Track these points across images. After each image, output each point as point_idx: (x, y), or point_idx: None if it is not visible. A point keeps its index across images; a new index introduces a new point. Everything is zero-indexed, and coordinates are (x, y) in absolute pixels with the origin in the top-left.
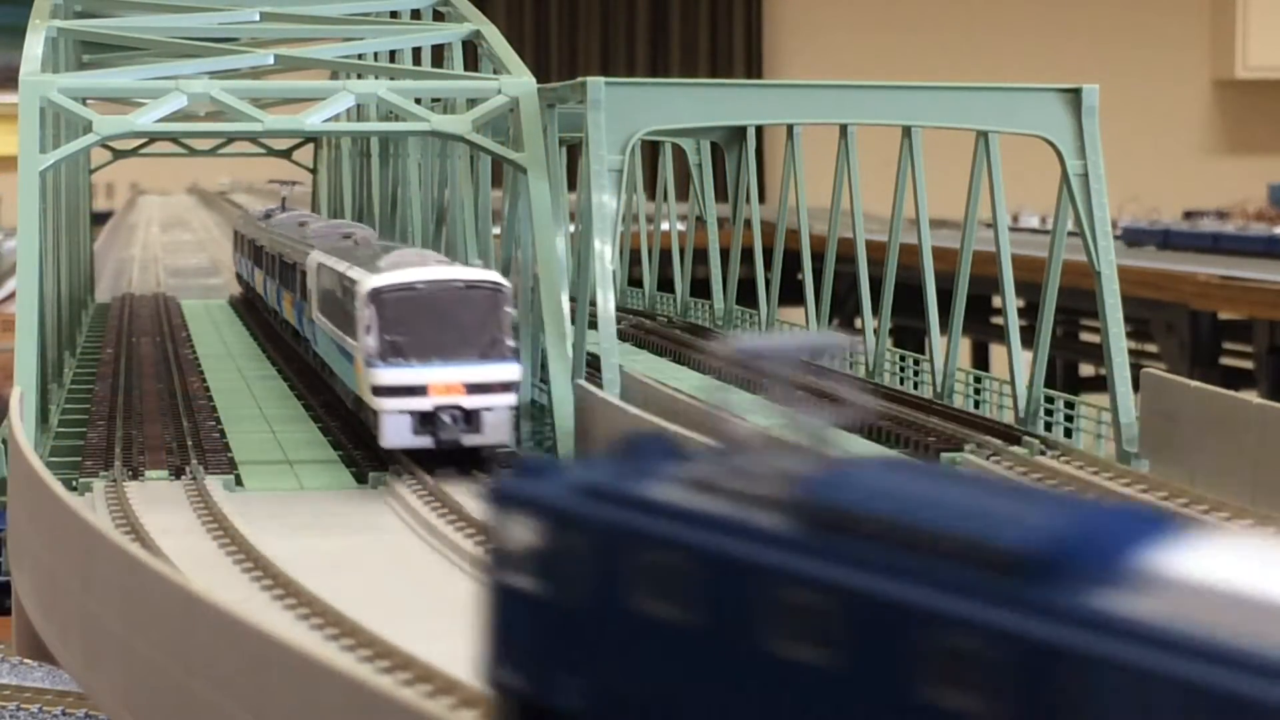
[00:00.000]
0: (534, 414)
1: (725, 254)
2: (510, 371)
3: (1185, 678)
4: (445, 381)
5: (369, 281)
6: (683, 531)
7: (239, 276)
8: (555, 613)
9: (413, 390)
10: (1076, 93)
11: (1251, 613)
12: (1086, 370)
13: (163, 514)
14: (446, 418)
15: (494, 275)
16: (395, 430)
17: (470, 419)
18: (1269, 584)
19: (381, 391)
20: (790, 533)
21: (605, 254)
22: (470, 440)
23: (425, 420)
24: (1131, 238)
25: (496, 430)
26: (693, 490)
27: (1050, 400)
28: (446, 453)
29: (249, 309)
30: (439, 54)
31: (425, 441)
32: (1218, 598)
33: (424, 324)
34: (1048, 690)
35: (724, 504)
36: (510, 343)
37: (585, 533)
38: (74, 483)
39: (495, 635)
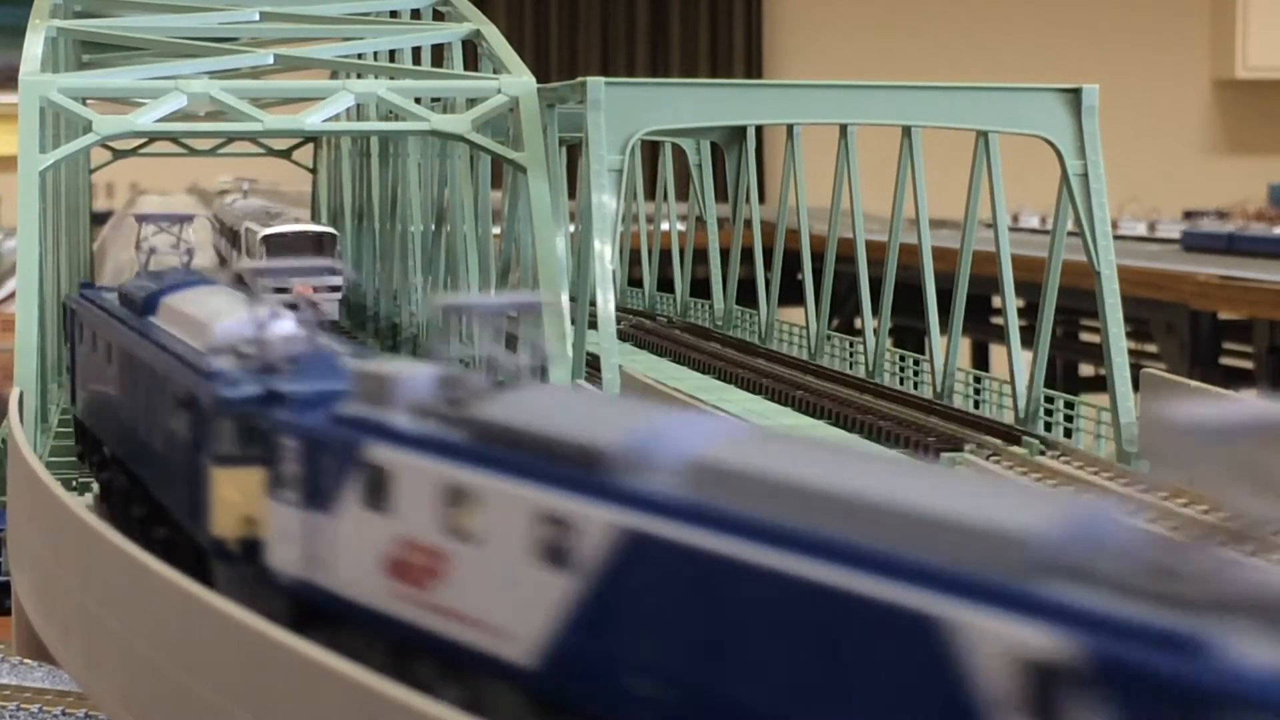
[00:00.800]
0: None
1: (725, 254)
2: (336, 280)
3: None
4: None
5: (261, 232)
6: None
7: (216, 250)
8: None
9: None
10: (1076, 93)
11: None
12: (1086, 370)
13: None
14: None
15: (329, 229)
16: None
17: (314, 305)
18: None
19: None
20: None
21: (605, 254)
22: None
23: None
24: (1193, 242)
25: (329, 310)
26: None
27: (1050, 400)
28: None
29: None
30: (439, 54)
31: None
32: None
33: (290, 252)
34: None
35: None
36: (337, 265)
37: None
38: (74, 483)
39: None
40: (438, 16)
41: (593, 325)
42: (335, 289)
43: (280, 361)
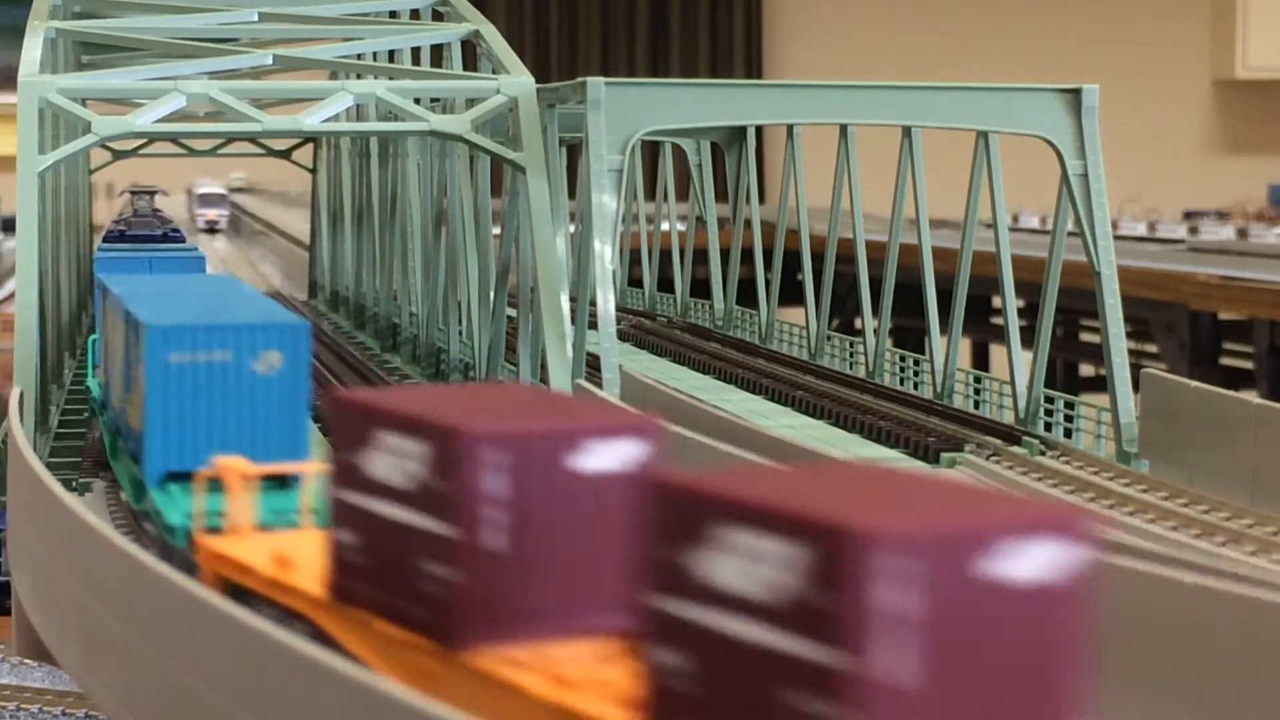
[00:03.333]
0: None
1: (725, 254)
2: (226, 210)
3: None
4: (212, 212)
5: (197, 190)
6: None
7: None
8: None
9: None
10: (1076, 93)
11: None
12: (1086, 370)
13: None
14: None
15: (223, 189)
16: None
17: (219, 220)
18: None
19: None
20: None
21: (605, 254)
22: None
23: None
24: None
25: (223, 222)
26: None
27: (1050, 400)
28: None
29: None
30: (438, 54)
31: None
32: None
33: (209, 199)
34: None
35: None
36: (227, 208)
37: None
38: (74, 483)
39: None
40: (437, 17)
41: (593, 325)
42: (224, 214)
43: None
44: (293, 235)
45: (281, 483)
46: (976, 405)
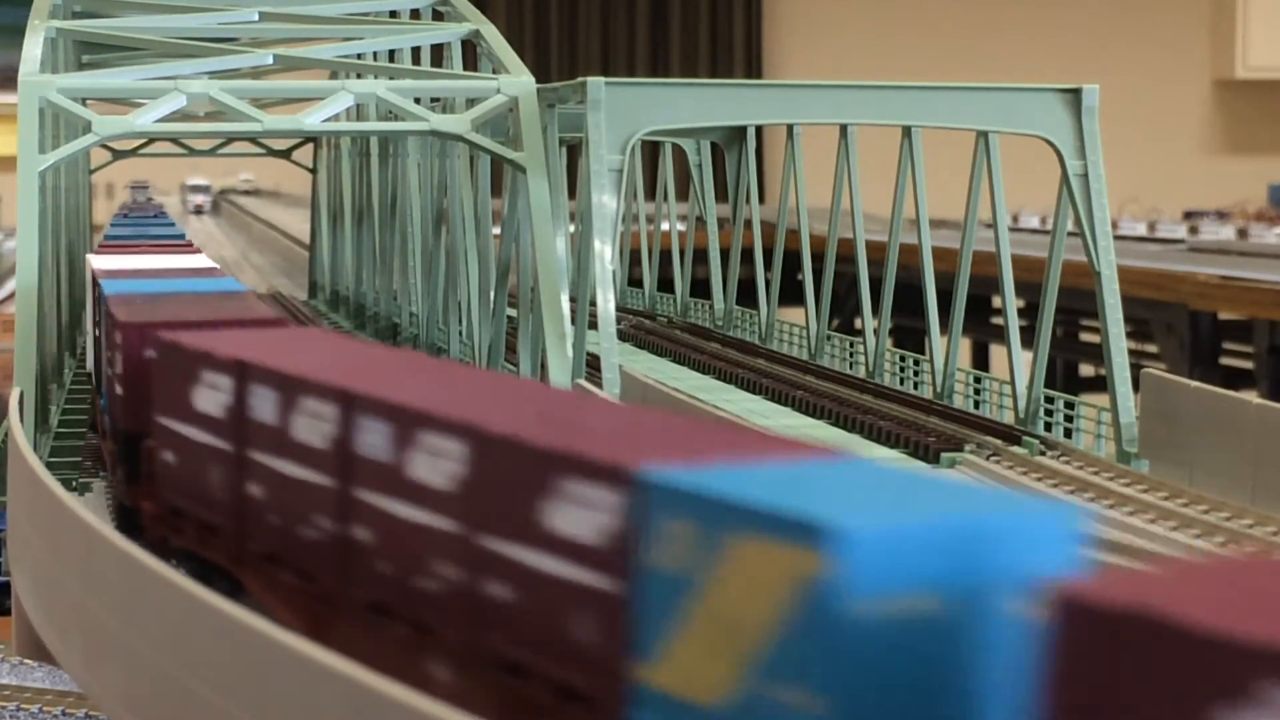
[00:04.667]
0: None
1: (725, 254)
2: (209, 196)
3: None
4: (198, 198)
5: (187, 182)
6: None
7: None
8: None
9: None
10: (1076, 93)
11: None
12: (1086, 370)
13: None
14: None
15: (209, 182)
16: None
17: (204, 205)
18: None
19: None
20: None
21: (605, 254)
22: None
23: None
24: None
25: (206, 205)
26: None
27: (1050, 400)
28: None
29: None
30: (438, 54)
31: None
32: None
33: (197, 188)
34: None
35: None
36: (210, 194)
37: None
38: (74, 483)
39: None
40: (437, 16)
41: (593, 325)
42: (208, 200)
43: None
44: (293, 235)
45: None
46: (976, 405)
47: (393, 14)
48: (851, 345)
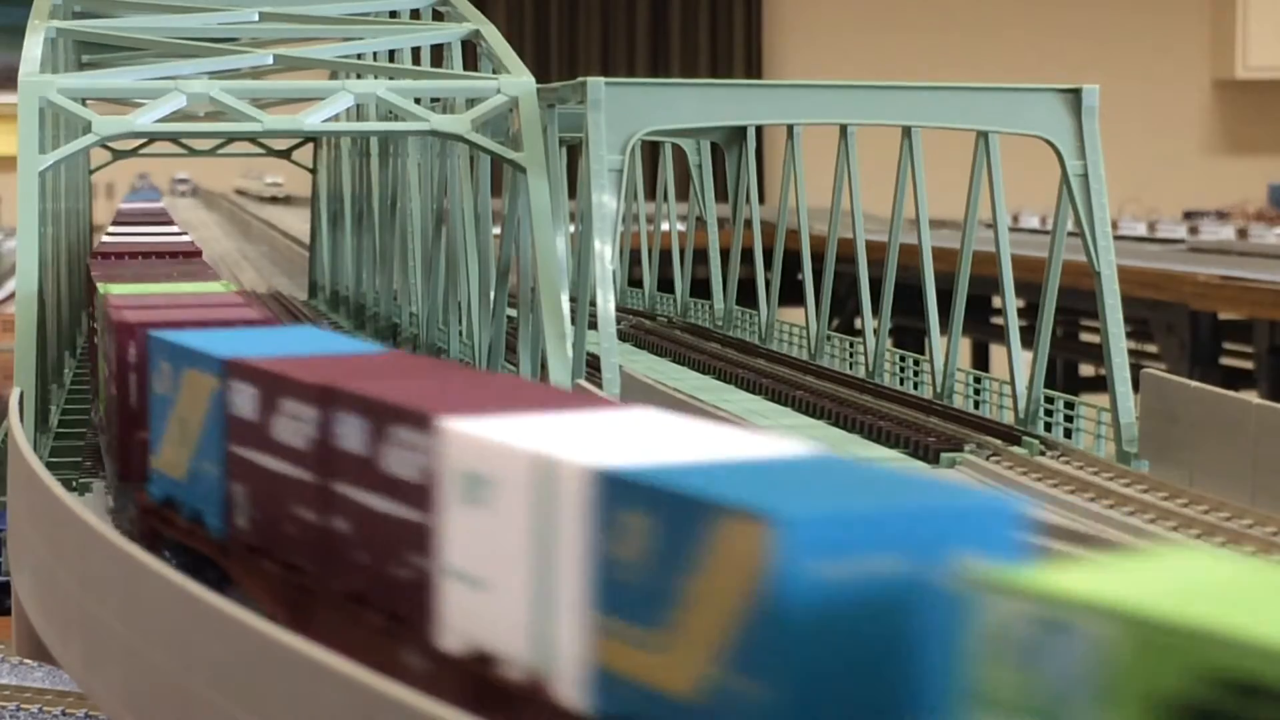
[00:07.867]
0: None
1: (725, 254)
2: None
3: None
4: (184, 188)
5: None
6: None
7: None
8: None
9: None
10: (1076, 93)
11: None
12: (1086, 370)
13: None
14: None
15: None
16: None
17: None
18: None
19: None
20: None
21: (605, 254)
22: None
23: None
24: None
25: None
26: None
27: (1050, 400)
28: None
29: None
30: (438, 54)
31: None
32: None
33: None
34: None
35: None
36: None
37: None
38: (74, 483)
39: None
40: (437, 16)
41: (593, 325)
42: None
43: None
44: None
45: None
46: (976, 405)
47: (393, 14)
48: (851, 345)
